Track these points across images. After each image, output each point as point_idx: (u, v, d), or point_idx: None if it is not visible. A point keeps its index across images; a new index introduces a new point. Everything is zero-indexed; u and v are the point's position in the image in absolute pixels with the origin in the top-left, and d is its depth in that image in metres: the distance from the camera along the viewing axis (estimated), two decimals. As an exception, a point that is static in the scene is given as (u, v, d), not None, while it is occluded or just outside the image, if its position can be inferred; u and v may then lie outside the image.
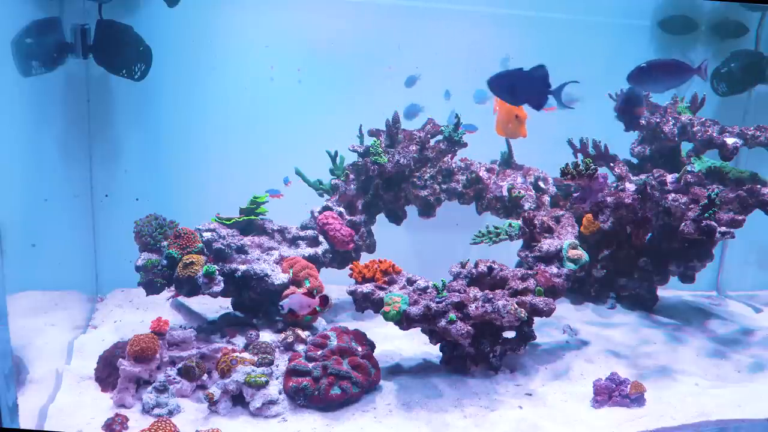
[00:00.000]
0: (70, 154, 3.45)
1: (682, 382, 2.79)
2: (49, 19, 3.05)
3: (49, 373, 2.59)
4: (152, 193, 3.67)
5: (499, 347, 2.82)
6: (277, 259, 3.15)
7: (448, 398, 2.62)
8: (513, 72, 2.42)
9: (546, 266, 2.97)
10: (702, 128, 3.35)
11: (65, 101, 3.41)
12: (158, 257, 2.98)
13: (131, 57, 3.36)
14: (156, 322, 2.69)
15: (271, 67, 3.75)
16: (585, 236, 3.39)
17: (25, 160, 2.87)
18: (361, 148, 3.53)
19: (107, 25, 3.32)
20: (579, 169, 3.05)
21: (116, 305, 3.57)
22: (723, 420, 2.43)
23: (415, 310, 2.69)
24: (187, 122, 3.75)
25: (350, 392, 2.52)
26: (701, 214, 3.12)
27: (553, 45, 3.84)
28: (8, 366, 1.94)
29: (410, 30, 3.80)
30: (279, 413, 2.47)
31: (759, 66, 3.94)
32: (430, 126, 3.61)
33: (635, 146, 3.73)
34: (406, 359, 2.98)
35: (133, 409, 2.47)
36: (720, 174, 3.41)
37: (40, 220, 2.95)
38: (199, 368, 2.59)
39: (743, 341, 3.29)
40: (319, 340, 2.70)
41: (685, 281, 3.58)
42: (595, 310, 3.62)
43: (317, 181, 3.64)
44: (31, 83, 2.85)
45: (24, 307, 2.72)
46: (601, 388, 2.61)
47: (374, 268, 2.94)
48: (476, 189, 3.59)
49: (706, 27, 4.06)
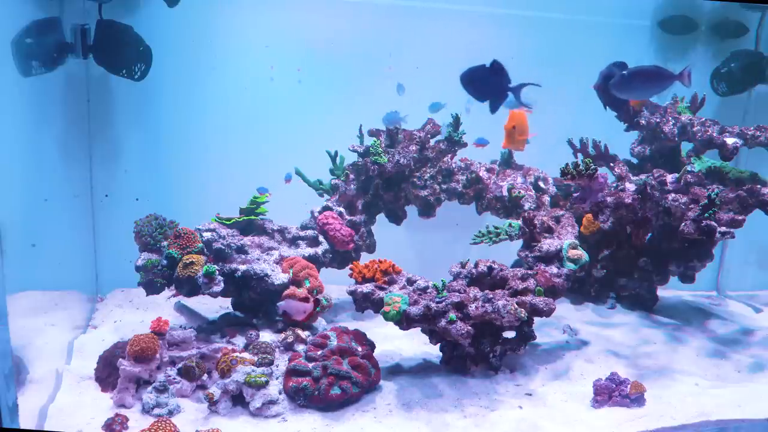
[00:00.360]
0: (70, 154, 3.46)
1: (682, 382, 2.79)
2: (49, 19, 3.05)
3: (49, 373, 2.59)
4: (152, 193, 3.67)
5: (499, 347, 2.82)
6: (277, 259, 3.15)
7: (448, 398, 2.62)
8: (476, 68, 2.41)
9: (546, 266, 2.97)
10: (702, 128, 3.35)
11: (65, 101, 3.41)
12: (158, 257, 2.98)
13: (131, 57, 3.36)
14: (156, 322, 2.69)
15: (271, 67, 3.75)
16: (585, 236, 3.39)
17: (25, 160, 2.87)
18: (361, 148, 3.54)
19: (107, 25, 3.32)
20: (579, 169, 3.05)
21: (116, 305, 3.57)
22: (723, 420, 2.43)
23: (415, 310, 2.69)
24: (187, 122, 3.75)
25: (350, 392, 2.52)
26: (701, 214, 3.12)
27: (553, 45, 3.84)
28: (8, 366, 1.94)
29: (409, 30, 3.80)
30: (279, 413, 2.47)
31: (759, 66, 3.94)
32: (430, 126, 3.61)
33: (635, 146, 3.73)
34: (406, 359, 2.98)
35: (133, 409, 2.47)
36: (720, 174, 3.41)
37: (40, 220, 2.95)
38: (199, 368, 2.59)
39: (743, 341, 3.29)
40: (319, 340, 2.70)
41: (685, 281, 3.58)
42: (595, 310, 3.62)
43: (317, 181, 3.64)
44: (31, 83, 2.85)
45: (24, 307, 2.72)
46: (601, 388, 2.61)
47: (374, 268, 2.94)
48: (476, 189, 3.59)
49: (706, 27, 4.06)
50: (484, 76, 2.40)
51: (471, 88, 2.45)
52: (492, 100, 2.45)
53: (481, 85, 2.43)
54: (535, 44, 3.85)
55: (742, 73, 3.93)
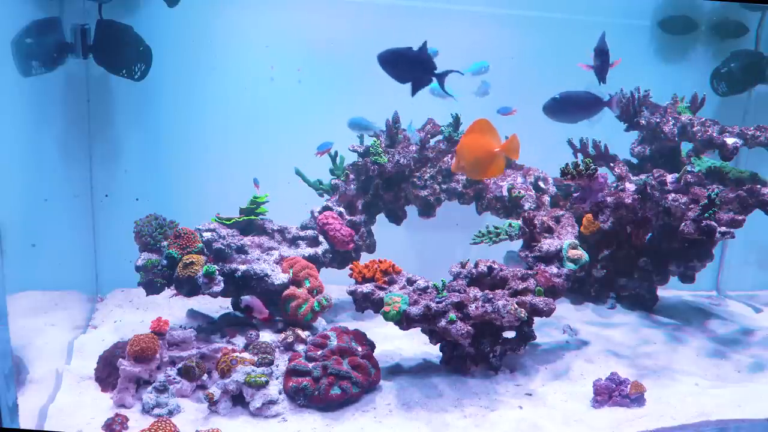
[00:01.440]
0: (70, 154, 3.45)
1: (682, 382, 2.79)
2: (49, 19, 3.05)
3: (49, 373, 2.59)
4: (152, 193, 3.67)
5: (499, 347, 2.82)
6: (277, 259, 3.15)
7: (448, 398, 2.62)
8: (402, 50, 2.38)
9: (546, 266, 2.97)
10: (702, 128, 3.35)
11: (65, 101, 3.41)
12: (158, 257, 2.98)
13: (131, 57, 3.36)
14: (156, 322, 2.69)
15: (271, 67, 3.75)
16: (585, 236, 3.39)
17: (25, 160, 2.87)
18: (361, 148, 3.54)
19: (107, 25, 3.32)
20: (579, 169, 3.05)
21: (116, 305, 3.57)
22: (723, 420, 2.43)
23: (415, 310, 2.69)
24: (187, 122, 3.75)
25: (350, 392, 2.52)
26: (701, 214, 3.12)
27: (553, 45, 3.84)
28: (8, 366, 1.94)
29: (409, 30, 3.78)
30: (279, 413, 2.47)
31: (759, 66, 3.94)
32: (430, 126, 3.61)
33: (635, 146, 3.73)
34: (406, 359, 2.98)
35: (133, 409, 2.47)
36: (720, 174, 3.41)
37: (40, 220, 2.95)
38: (199, 368, 2.59)
39: (743, 341, 3.29)
40: (319, 340, 2.70)
41: (685, 281, 3.58)
42: (595, 310, 3.62)
43: (317, 181, 3.64)
44: (31, 83, 2.85)
45: (24, 307, 2.72)
46: (601, 388, 2.61)
47: (374, 268, 2.94)
48: (476, 189, 3.59)
49: (706, 27, 4.06)
50: (409, 59, 2.38)
51: (390, 69, 2.41)
52: (414, 83, 2.42)
53: (403, 68, 2.39)
54: (535, 44, 3.84)
55: (742, 73, 3.93)
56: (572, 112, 2.81)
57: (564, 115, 2.85)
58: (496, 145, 2.58)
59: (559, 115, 2.83)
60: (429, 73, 2.39)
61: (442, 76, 2.41)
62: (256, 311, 2.91)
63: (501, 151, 2.58)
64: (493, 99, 3.38)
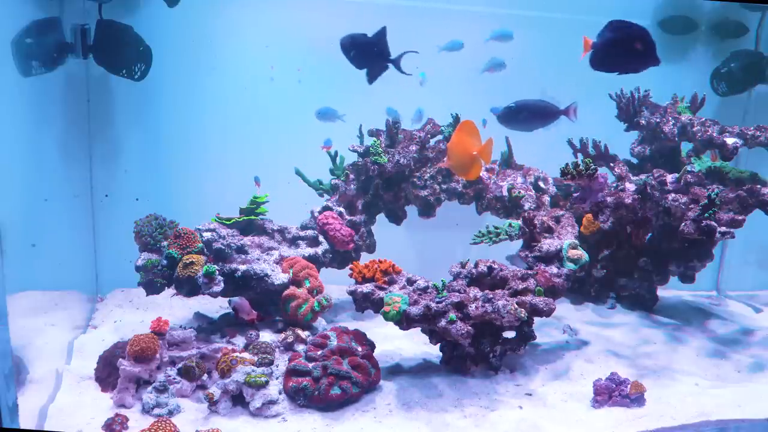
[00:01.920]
0: (70, 154, 3.45)
1: (682, 382, 2.79)
2: (49, 19, 3.05)
3: (49, 373, 2.59)
4: (152, 193, 3.67)
5: (499, 347, 2.82)
6: (277, 259, 3.15)
7: (448, 398, 2.62)
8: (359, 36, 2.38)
9: (546, 266, 2.97)
10: (702, 128, 3.35)
11: (65, 101, 3.41)
12: (158, 257, 2.98)
13: (131, 57, 3.36)
14: (156, 322, 2.69)
15: (271, 67, 3.75)
16: (585, 236, 3.39)
17: (25, 160, 2.87)
18: (361, 148, 3.54)
19: (107, 25, 3.32)
20: (579, 169, 3.05)
21: (116, 305, 3.57)
22: (723, 420, 2.43)
23: (415, 310, 2.69)
24: (186, 122, 3.75)
25: (350, 392, 2.52)
26: (701, 214, 3.12)
27: (553, 45, 3.83)
28: (8, 366, 1.94)
29: (409, 30, 3.79)
30: (279, 413, 2.47)
31: (759, 66, 3.94)
32: (430, 126, 3.61)
33: (635, 146, 3.73)
34: (406, 359, 2.98)
35: (133, 409, 2.47)
36: (720, 174, 3.41)
37: (40, 220, 2.95)
38: (199, 368, 2.59)
39: (743, 341, 3.29)
40: (319, 340, 2.70)
41: (685, 281, 3.58)
42: (595, 310, 3.62)
43: (317, 181, 3.64)
44: (31, 83, 2.85)
45: (24, 307, 2.72)
46: (601, 388, 2.61)
47: (374, 268, 2.94)
48: (476, 189, 3.59)
49: (706, 27, 4.06)
50: (364, 45, 2.38)
51: (348, 55, 2.43)
52: (369, 69, 2.43)
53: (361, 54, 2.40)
54: (535, 44, 3.84)
55: (742, 73, 3.93)
56: (527, 121, 2.84)
57: (518, 124, 2.90)
58: (475, 148, 2.67)
59: (513, 123, 2.88)
60: (384, 59, 2.39)
61: (397, 60, 2.40)
62: (244, 312, 2.91)
63: (478, 154, 2.68)
64: (493, 99, 3.37)
